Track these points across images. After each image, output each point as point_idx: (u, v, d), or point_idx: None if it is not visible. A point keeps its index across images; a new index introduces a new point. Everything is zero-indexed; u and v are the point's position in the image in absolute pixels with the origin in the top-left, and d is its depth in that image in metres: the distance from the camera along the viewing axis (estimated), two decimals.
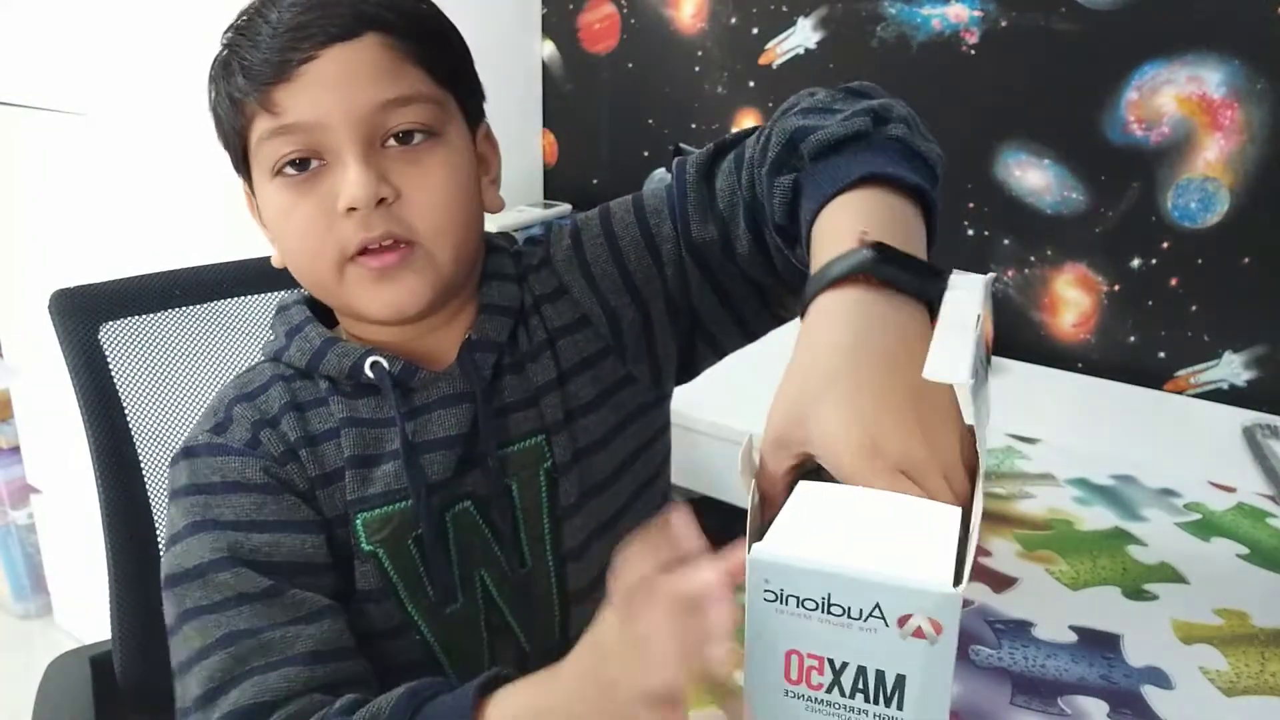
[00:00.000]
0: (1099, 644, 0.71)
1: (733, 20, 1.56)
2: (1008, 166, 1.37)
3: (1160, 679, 0.69)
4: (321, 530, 0.64)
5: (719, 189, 0.67)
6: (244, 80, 0.60)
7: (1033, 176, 1.36)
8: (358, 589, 0.65)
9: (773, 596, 0.40)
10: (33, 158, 1.61)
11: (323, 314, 0.70)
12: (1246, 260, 1.24)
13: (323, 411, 0.66)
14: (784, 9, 1.51)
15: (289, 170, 0.61)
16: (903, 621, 0.39)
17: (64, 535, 1.84)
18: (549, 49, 1.80)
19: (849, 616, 0.39)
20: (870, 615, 0.39)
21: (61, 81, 1.50)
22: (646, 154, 1.70)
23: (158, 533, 0.84)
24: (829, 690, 0.41)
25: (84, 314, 0.82)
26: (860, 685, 0.40)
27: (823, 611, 0.40)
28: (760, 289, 0.69)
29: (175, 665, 0.59)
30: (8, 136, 1.63)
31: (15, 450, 1.89)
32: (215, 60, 0.64)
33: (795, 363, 0.50)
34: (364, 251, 0.61)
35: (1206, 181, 1.24)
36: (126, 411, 0.83)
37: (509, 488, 0.68)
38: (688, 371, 0.75)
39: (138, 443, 0.83)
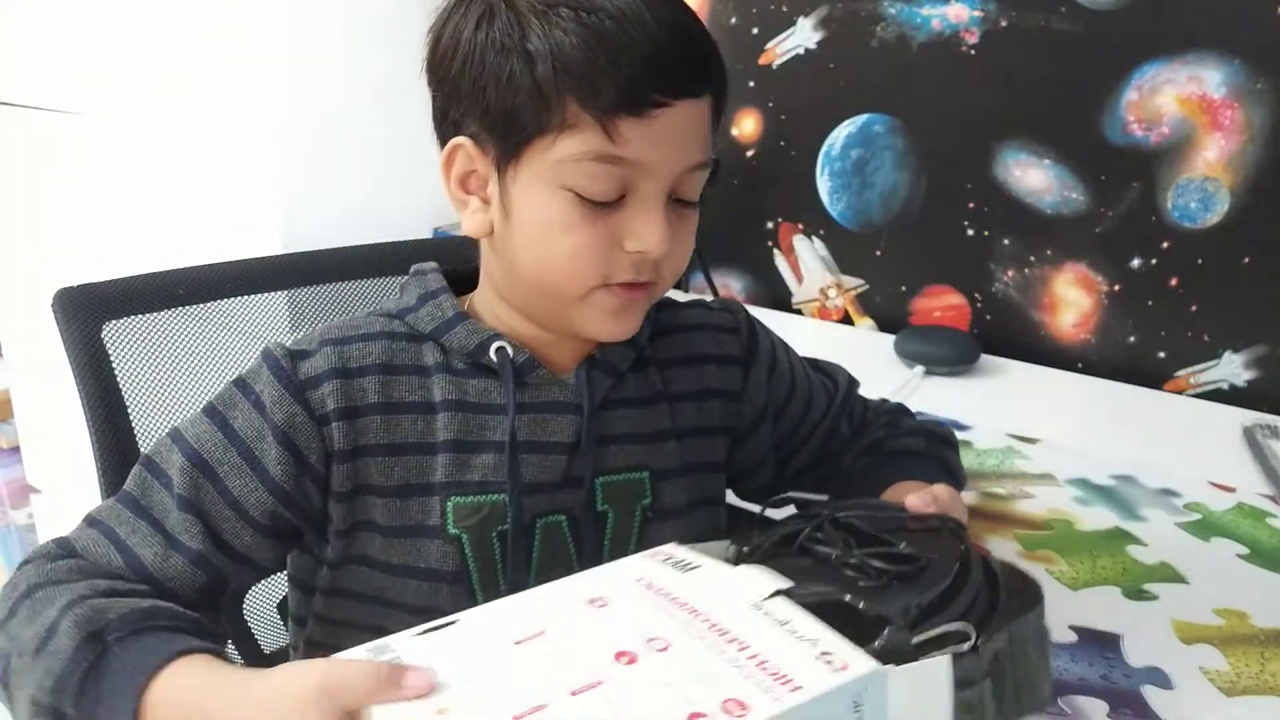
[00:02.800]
0: (1099, 644, 0.71)
1: (733, 20, 1.56)
2: (1008, 166, 1.37)
3: (1160, 679, 0.69)
4: (283, 495, 0.64)
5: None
6: (582, 90, 0.58)
7: (1033, 176, 1.35)
8: (435, 566, 0.66)
9: None
10: (31, 157, 1.61)
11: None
12: (1246, 260, 1.24)
13: (415, 382, 0.66)
14: (784, 9, 1.51)
15: (587, 195, 0.60)
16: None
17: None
18: None
19: None
20: None
21: (59, 81, 1.50)
22: None
23: None
24: None
25: (87, 312, 0.82)
26: None
27: None
28: None
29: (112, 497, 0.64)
30: (6, 136, 1.63)
31: (15, 450, 1.89)
32: (538, 16, 0.59)
33: None
34: (616, 282, 0.63)
35: (1206, 181, 1.24)
36: (130, 410, 0.83)
37: (605, 514, 0.69)
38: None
39: (140, 441, 0.83)
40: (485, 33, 0.60)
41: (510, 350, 0.66)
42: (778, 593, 0.48)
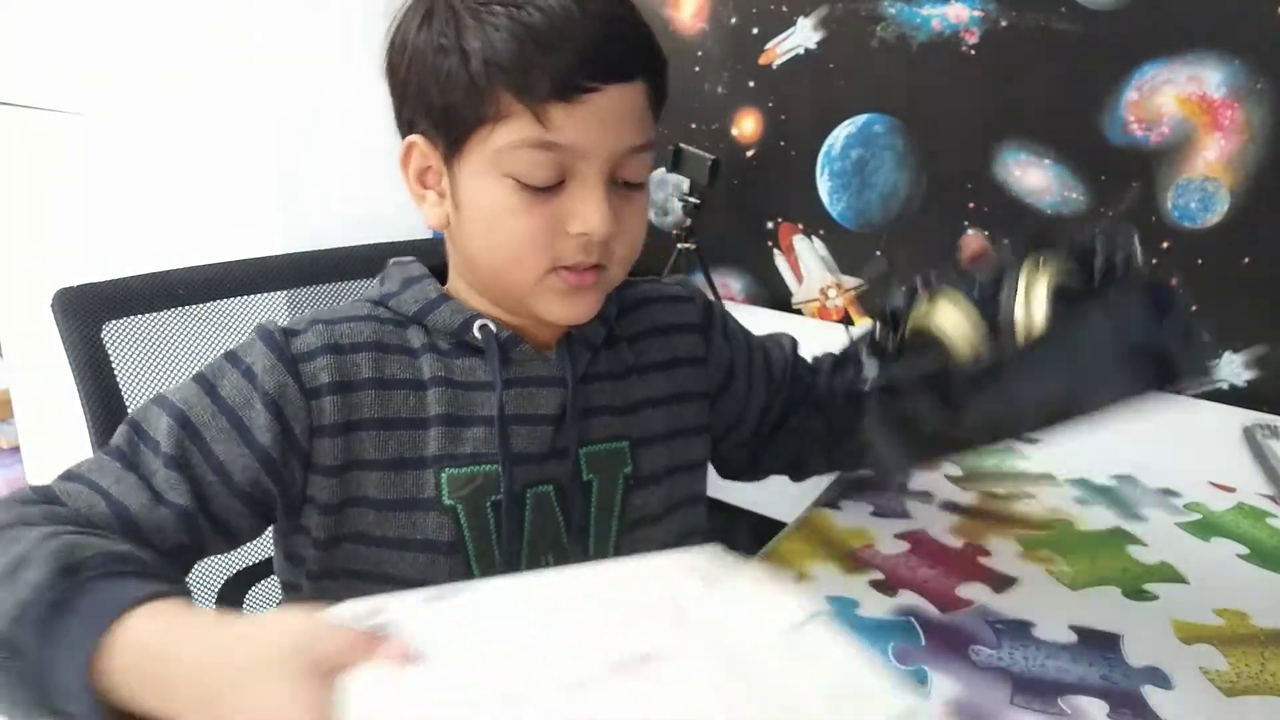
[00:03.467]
0: (1099, 644, 0.71)
1: (733, 20, 1.56)
2: (1008, 166, 1.37)
3: (1160, 679, 0.69)
4: (273, 465, 0.64)
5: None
6: (514, 82, 0.60)
7: (1033, 176, 1.35)
8: (431, 538, 0.67)
9: None
10: (31, 157, 1.61)
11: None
12: (1246, 260, 1.24)
13: (404, 361, 0.68)
14: (784, 9, 1.51)
15: (526, 180, 0.63)
16: None
17: None
18: None
19: None
20: None
21: (59, 81, 1.50)
22: None
23: None
24: None
25: (87, 312, 0.82)
26: None
27: None
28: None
29: (102, 449, 0.63)
30: (6, 136, 1.63)
31: (15, 450, 1.89)
32: (472, 14, 0.62)
33: None
34: (565, 266, 0.65)
35: (1206, 181, 1.24)
36: (129, 410, 0.83)
37: (590, 484, 0.72)
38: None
39: None
40: (426, 34, 0.64)
41: (494, 328, 0.69)
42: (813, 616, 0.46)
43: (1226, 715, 0.66)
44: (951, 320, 0.60)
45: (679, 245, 1.53)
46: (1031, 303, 0.57)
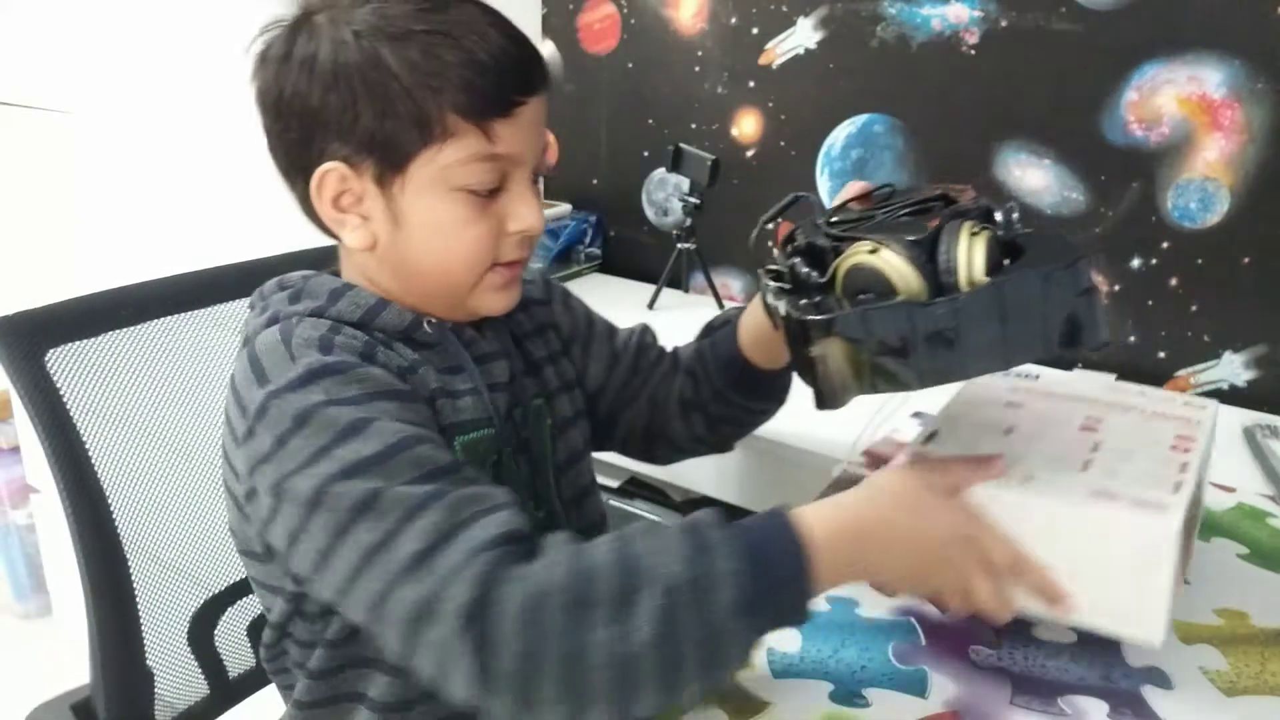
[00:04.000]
0: (1099, 644, 0.71)
1: (733, 20, 1.56)
2: (1008, 166, 1.37)
3: (1160, 679, 0.69)
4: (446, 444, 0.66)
5: None
6: (460, 102, 0.66)
7: (1033, 176, 1.36)
8: None
9: None
10: (32, 157, 1.61)
11: None
12: (1246, 260, 1.24)
13: (387, 354, 0.69)
14: (784, 9, 1.51)
15: (477, 190, 0.68)
16: None
17: (64, 535, 1.83)
18: (549, 49, 1.80)
19: None
20: None
21: (60, 81, 1.49)
22: (646, 154, 1.70)
23: (129, 568, 0.82)
24: None
25: (28, 340, 0.78)
26: None
27: None
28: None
29: (357, 557, 0.57)
30: (7, 136, 1.63)
31: (15, 450, 1.89)
32: (393, 42, 0.65)
33: None
34: (502, 262, 0.72)
35: (1206, 181, 1.24)
36: (85, 438, 0.80)
37: (528, 440, 0.79)
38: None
39: (100, 469, 0.81)
40: (343, 62, 0.66)
41: (438, 322, 0.73)
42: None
43: (1226, 715, 0.66)
44: (894, 263, 0.63)
45: (679, 245, 1.53)
46: (973, 254, 0.63)
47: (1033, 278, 0.61)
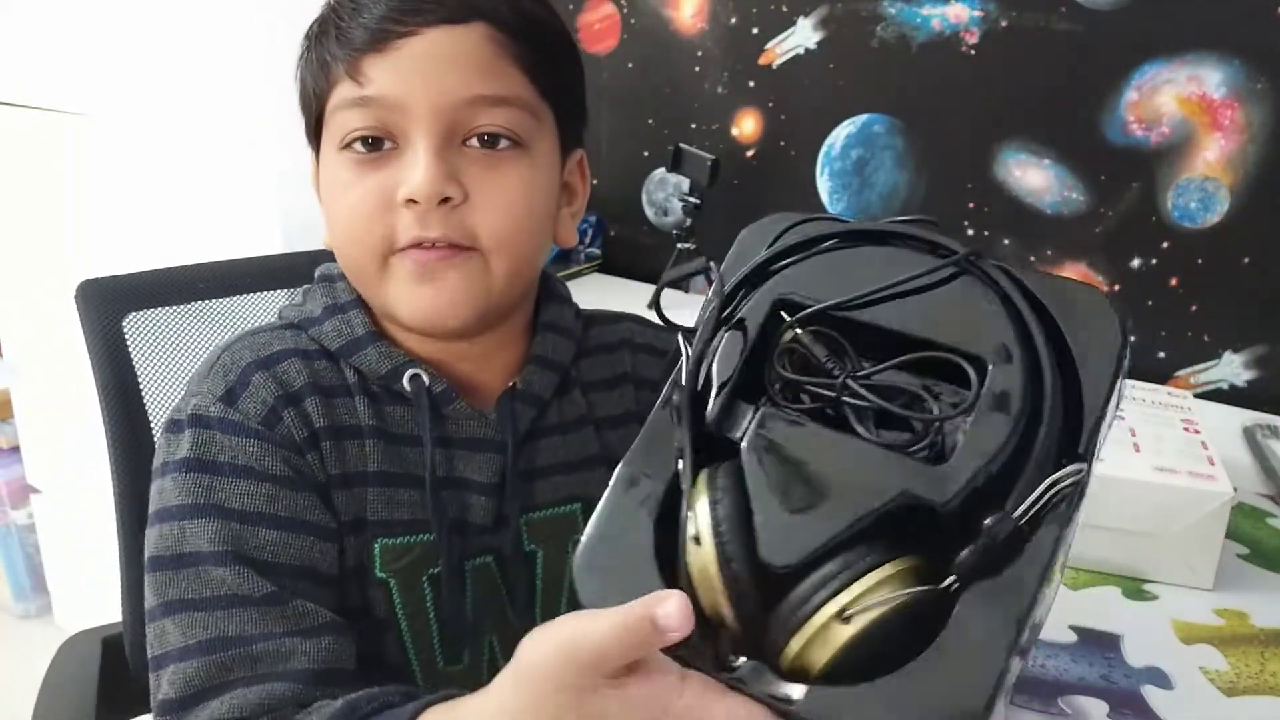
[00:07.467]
0: (1099, 644, 0.71)
1: (733, 20, 1.56)
2: (1008, 166, 1.37)
3: (1160, 679, 0.69)
4: (334, 537, 0.58)
5: None
6: (336, 44, 0.57)
7: (1033, 176, 1.35)
8: (360, 608, 0.60)
9: None
10: (31, 158, 1.61)
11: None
12: (1246, 260, 1.24)
13: (349, 404, 0.60)
14: (784, 9, 1.51)
15: (358, 147, 0.57)
16: None
17: (64, 535, 1.84)
18: None
19: None
20: None
21: (61, 81, 1.50)
22: (646, 154, 1.70)
23: None
24: None
25: (109, 304, 0.83)
26: None
27: None
28: None
29: (150, 656, 0.55)
30: (7, 136, 1.63)
31: (15, 450, 1.89)
32: (314, 21, 0.61)
33: None
34: (415, 246, 0.57)
35: (1206, 181, 1.24)
36: (145, 401, 0.83)
37: (533, 555, 0.64)
38: None
39: (155, 433, 0.83)
40: (310, 32, 0.62)
41: (426, 378, 0.61)
42: None
43: (1226, 715, 0.66)
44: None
45: (679, 245, 1.53)
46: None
47: None
